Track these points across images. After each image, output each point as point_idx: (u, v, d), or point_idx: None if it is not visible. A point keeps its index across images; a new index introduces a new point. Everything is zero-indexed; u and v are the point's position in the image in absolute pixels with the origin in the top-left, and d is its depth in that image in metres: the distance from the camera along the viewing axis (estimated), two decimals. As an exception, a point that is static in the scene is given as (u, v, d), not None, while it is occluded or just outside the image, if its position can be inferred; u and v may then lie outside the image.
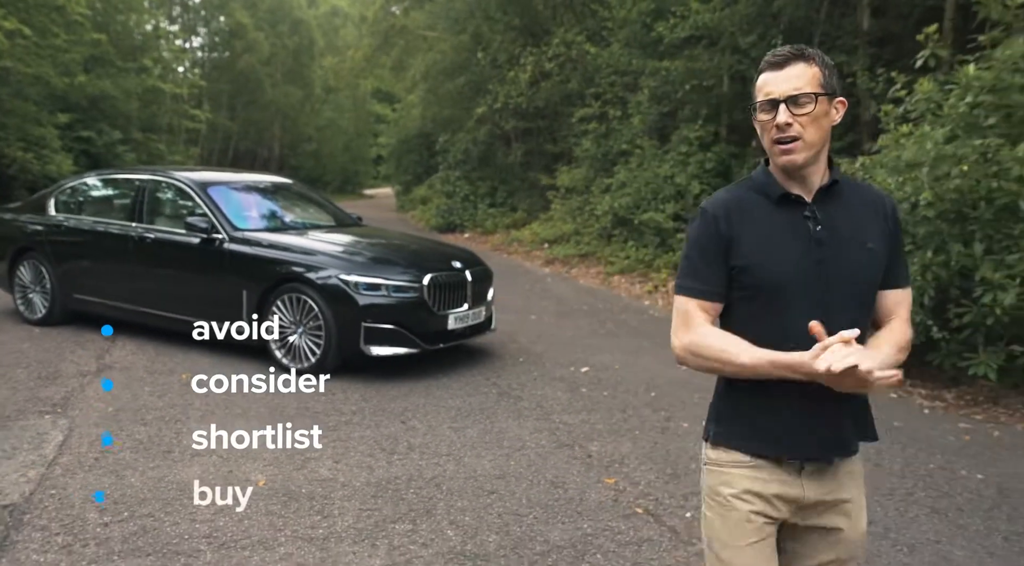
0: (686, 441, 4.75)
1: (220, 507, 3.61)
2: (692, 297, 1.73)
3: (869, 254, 1.70)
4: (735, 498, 1.71)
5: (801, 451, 1.70)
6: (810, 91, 1.63)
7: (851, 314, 1.64)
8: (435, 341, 6.03)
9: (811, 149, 1.65)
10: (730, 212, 1.72)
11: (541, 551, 3.33)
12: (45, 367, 5.94)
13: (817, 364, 1.48)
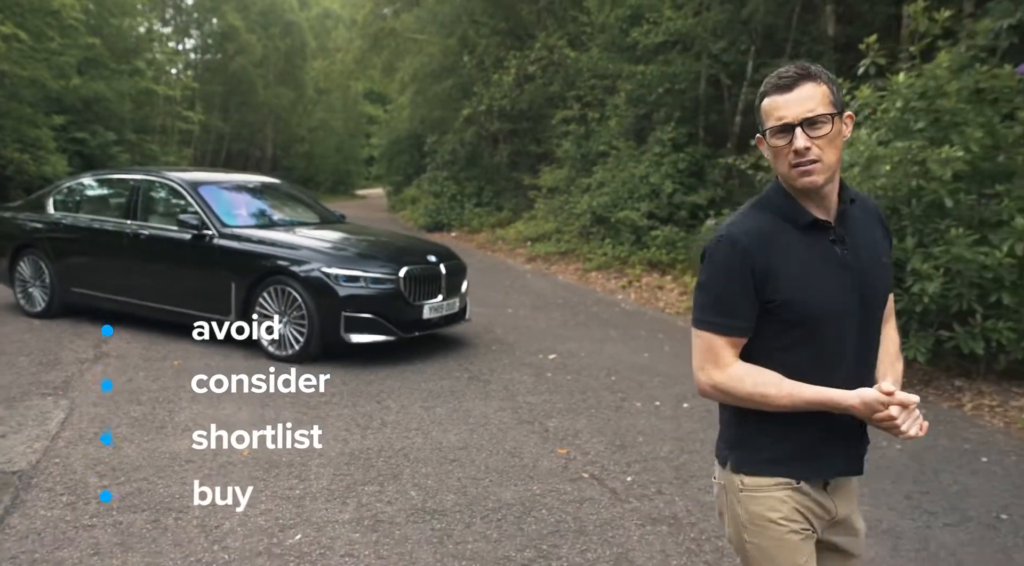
0: (637, 418, 5.18)
1: (208, 468, 4.02)
2: (720, 334, 1.66)
3: (886, 268, 1.74)
4: (785, 521, 1.70)
5: (832, 468, 1.72)
6: (824, 112, 1.59)
7: (876, 328, 1.72)
8: (411, 329, 6.45)
9: (830, 170, 1.62)
10: (761, 241, 1.64)
11: (493, 507, 3.75)
12: (46, 355, 6.34)
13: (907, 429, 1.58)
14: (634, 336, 7.87)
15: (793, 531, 1.70)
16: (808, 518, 1.71)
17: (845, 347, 1.65)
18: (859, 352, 1.69)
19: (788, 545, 1.70)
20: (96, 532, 3.38)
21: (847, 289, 1.65)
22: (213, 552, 3.25)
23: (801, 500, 1.70)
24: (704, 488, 4.03)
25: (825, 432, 1.67)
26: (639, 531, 3.54)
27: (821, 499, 1.72)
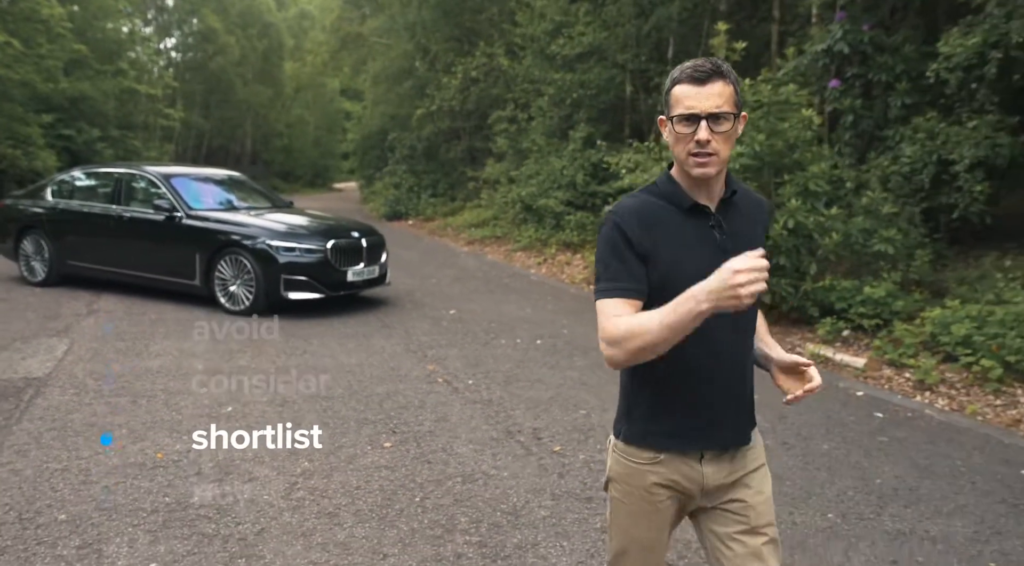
0: (496, 349, 6.85)
1: (169, 382, 5.65)
2: (612, 297, 1.70)
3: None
4: (643, 490, 1.83)
5: (704, 445, 1.80)
6: (729, 110, 1.66)
7: (751, 312, 1.82)
8: (337, 289, 8.10)
9: (723, 163, 1.71)
10: (641, 220, 1.73)
11: (366, 395, 5.40)
12: (48, 311, 7.92)
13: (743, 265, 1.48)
14: (528, 299, 9.55)
15: (655, 502, 1.82)
16: (672, 487, 1.82)
17: (723, 325, 1.68)
18: (735, 330, 1.77)
19: (641, 514, 1.84)
20: (94, 407, 4.99)
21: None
22: (172, 415, 4.87)
23: (666, 472, 1.80)
24: (519, 384, 5.71)
25: (701, 413, 1.77)
26: (460, 407, 5.21)
27: (687, 469, 1.80)
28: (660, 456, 1.81)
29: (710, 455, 1.81)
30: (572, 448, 4.49)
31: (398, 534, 3.39)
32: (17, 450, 4.19)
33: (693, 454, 1.80)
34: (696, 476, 1.81)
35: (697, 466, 1.80)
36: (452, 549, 3.27)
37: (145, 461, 4.10)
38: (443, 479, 4.00)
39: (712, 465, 1.81)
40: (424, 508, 3.66)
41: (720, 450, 1.81)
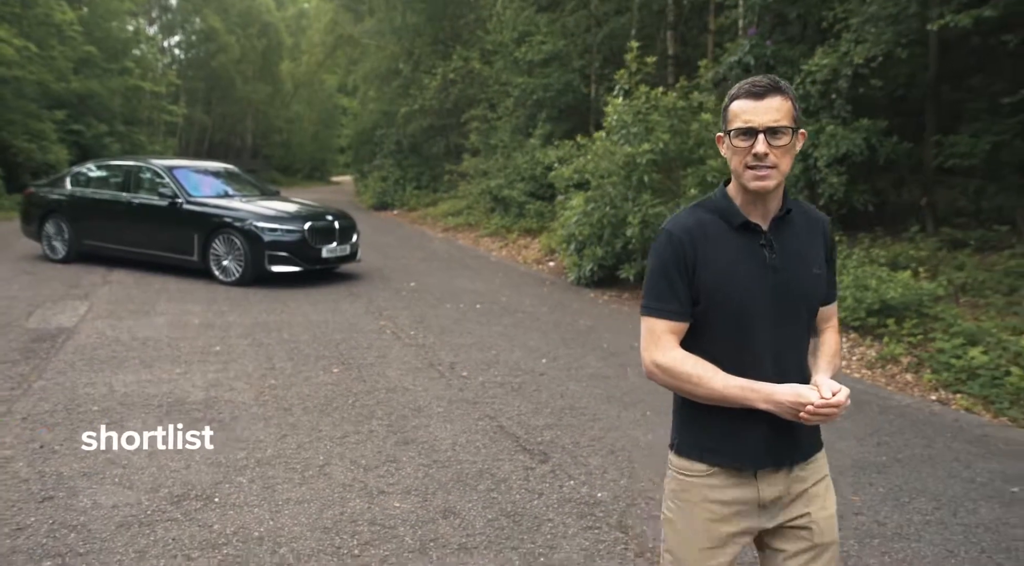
0: (440, 310, 8.20)
1: (172, 331, 7.00)
2: (661, 318, 1.74)
3: (815, 279, 1.76)
4: (695, 505, 1.77)
5: (756, 462, 1.74)
6: (787, 124, 1.66)
7: (796, 330, 1.76)
8: (313, 264, 9.45)
9: (782, 177, 1.69)
10: (694, 236, 1.72)
11: (326, 341, 6.74)
12: (70, 281, 9.26)
13: (822, 401, 1.60)
14: (481, 275, 10.91)
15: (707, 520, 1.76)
16: (727, 504, 1.75)
17: (762, 347, 1.70)
18: (777, 354, 1.72)
19: (695, 531, 1.77)
20: (112, 347, 6.33)
21: (767, 290, 1.70)
22: (172, 352, 6.21)
23: (719, 487, 1.75)
24: (450, 334, 7.06)
25: (756, 427, 1.70)
26: (399, 349, 6.57)
27: (742, 486, 1.75)
28: (713, 470, 1.76)
29: (764, 471, 1.75)
30: (475, 374, 5.85)
31: (332, 420, 4.75)
32: (58, 371, 5.55)
33: (747, 473, 1.75)
34: (751, 491, 1.75)
35: (752, 480, 1.75)
36: (367, 428, 4.63)
37: (152, 379, 5.45)
38: (372, 390, 5.36)
39: (767, 480, 1.75)
40: (353, 406, 5.02)
41: (775, 467, 1.75)
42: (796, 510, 1.77)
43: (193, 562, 3.03)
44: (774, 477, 1.76)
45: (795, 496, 1.77)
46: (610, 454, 4.31)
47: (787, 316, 1.73)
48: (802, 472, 1.78)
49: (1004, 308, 6.88)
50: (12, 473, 3.78)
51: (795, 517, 1.77)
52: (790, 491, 1.77)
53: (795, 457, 1.77)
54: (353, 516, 3.47)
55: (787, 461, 1.76)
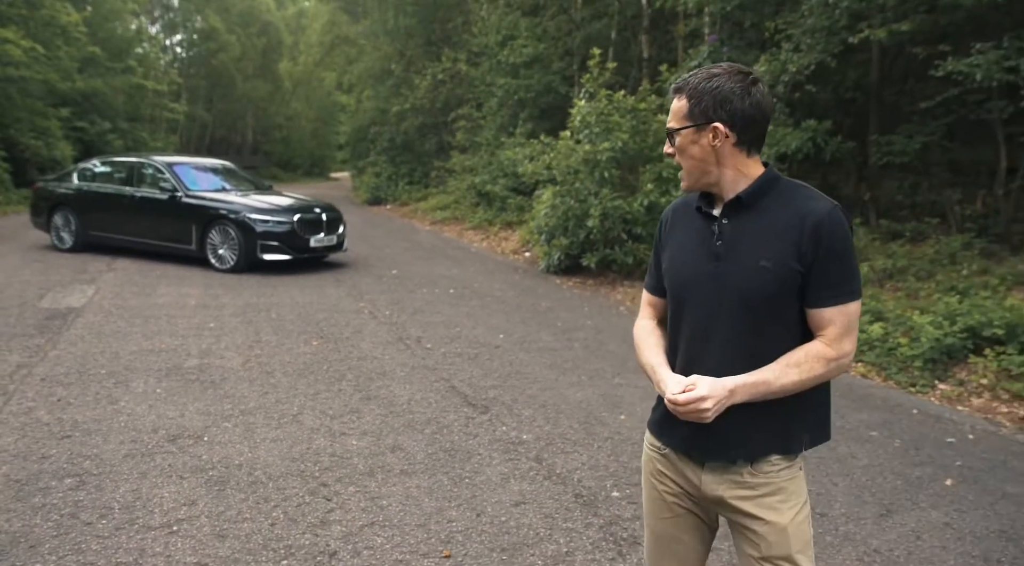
0: (416, 295, 8.91)
1: (171, 310, 7.70)
2: (645, 290, 1.88)
3: (760, 271, 1.60)
4: (652, 476, 1.80)
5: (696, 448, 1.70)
6: (676, 126, 1.64)
7: (737, 325, 1.62)
8: (302, 252, 10.16)
9: (690, 175, 1.67)
10: (668, 217, 1.80)
11: (311, 320, 7.44)
12: (77, 268, 9.96)
13: (668, 396, 1.58)
14: (460, 264, 11.61)
15: (662, 491, 1.77)
16: (676, 483, 1.75)
17: (688, 333, 1.69)
18: (710, 342, 1.65)
19: (653, 501, 1.80)
20: (118, 323, 7.03)
21: (705, 276, 1.65)
22: (171, 327, 6.91)
23: (669, 465, 1.76)
24: (422, 314, 7.77)
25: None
26: (374, 326, 7.28)
27: (687, 473, 1.72)
28: (664, 449, 1.76)
29: (712, 464, 1.68)
30: (438, 346, 6.57)
31: (307, 381, 5.46)
32: (70, 342, 6.25)
33: (694, 456, 1.70)
34: (694, 480, 1.71)
35: (697, 470, 1.70)
36: (337, 387, 5.34)
37: (153, 348, 6.16)
38: (345, 359, 6.07)
39: (711, 474, 1.69)
40: (326, 371, 5.73)
41: (722, 460, 1.66)
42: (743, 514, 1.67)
43: (185, 480, 3.74)
44: (722, 474, 1.68)
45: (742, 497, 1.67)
46: (541, 408, 5.03)
47: (727, 308, 1.62)
48: (753, 480, 1.66)
49: (916, 290, 7.60)
50: (35, 419, 4.49)
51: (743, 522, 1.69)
52: (735, 492, 1.67)
53: (741, 453, 1.65)
54: (317, 451, 4.18)
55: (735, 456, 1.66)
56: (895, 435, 4.75)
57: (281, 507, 3.49)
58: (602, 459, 4.20)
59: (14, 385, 5.08)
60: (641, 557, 3.15)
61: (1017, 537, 3.45)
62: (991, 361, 5.71)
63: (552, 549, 3.21)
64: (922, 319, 6.31)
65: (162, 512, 3.39)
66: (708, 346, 1.66)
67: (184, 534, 3.21)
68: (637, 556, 3.16)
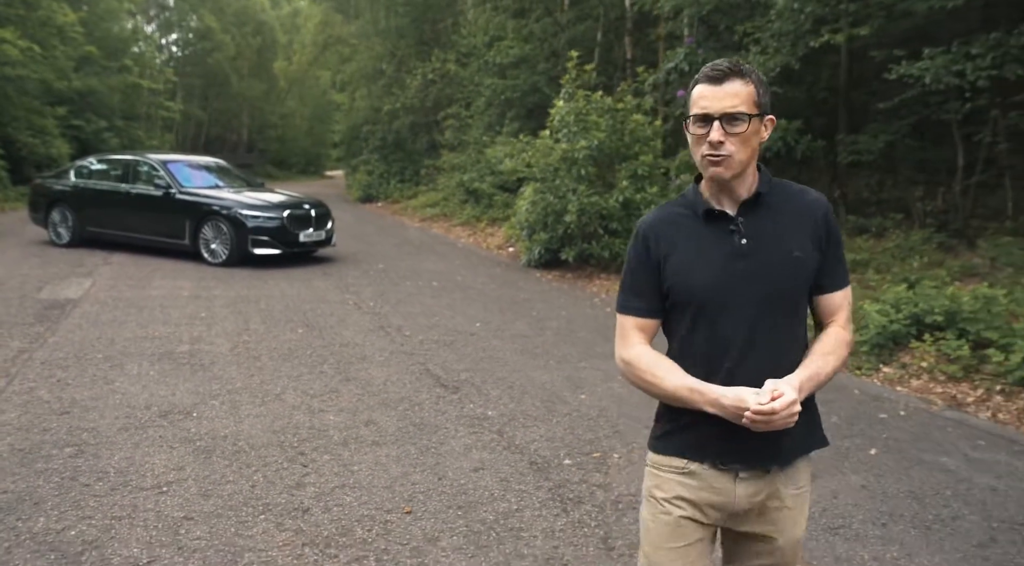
0: (400, 287, 9.25)
1: (164, 301, 8.04)
2: (629, 314, 1.71)
3: (795, 262, 1.61)
4: (667, 502, 1.66)
5: (733, 460, 1.62)
6: (745, 111, 1.55)
7: (776, 322, 1.61)
8: (291, 247, 10.51)
9: (740, 166, 1.59)
10: (659, 232, 1.68)
11: (298, 310, 7.79)
12: (75, 262, 10.28)
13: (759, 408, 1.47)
14: (445, 259, 11.96)
15: (679, 517, 1.65)
16: (699, 506, 1.65)
17: (733, 335, 1.60)
18: (753, 341, 1.60)
19: (667, 527, 1.67)
20: (114, 313, 7.37)
21: (739, 278, 1.60)
22: (164, 317, 7.25)
23: (693, 486, 1.65)
24: (404, 305, 8.12)
25: (732, 425, 1.54)
26: (358, 316, 7.63)
27: (719, 489, 1.64)
28: (690, 466, 1.66)
29: (746, 475, 1.63)
30: (417, 334, 6.92)
31: (291, 365, 5.81)
32: (68, 330, 6.59)
33: (727, 471, 1.64)
34: (728, 496, 1.64)
35: (731, 485, 1.64)
36: (319, 370, 5.69)
37: (147, 336, 6.50)
38: (328, 345, 6.42)
39: (746, 486, 1.64)
40: (310, 356, 6.08)
41: (754, 470, 1.63)
42: (762, 528, 1.68)
43: (174, 450, 4.09)
44: (755, 484, 1.64)
45: (765, 512, 1.66)
46: (508, 388, 5.39)
47: (763, 304, 1.60)
48: (780, 482, 1.66)
49: (871, 280, 7.98)
50: (37, 397, 4.83)
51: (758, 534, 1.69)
52: (764, 500, 1.66)
53: (771, 459, 1.63)
54: (297, 424, 4.53)
55: (769, 462, 1.63)
56: (833, 412, 5.11)
57: (261, 472, 3.84)
58: (559, 432, 4.56)
59: (16, 368, 5.42)
60: (583, 513, 3.51)
61: (922, 495, 3.82)
62: (930, 346, 6.08)
63: (503, 507, 3.57)
64: (871, 307, 6.68)
65: (153, 476, 3.74)
66: (751, 348, 1.60)
67: (173, 494, 3.56)
68: (579, 513, 3.52)
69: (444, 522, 3.39)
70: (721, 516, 1.68)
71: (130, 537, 3.14)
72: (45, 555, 2.97)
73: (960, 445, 4.57)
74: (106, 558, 2.97)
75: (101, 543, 3.08)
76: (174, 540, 3.13)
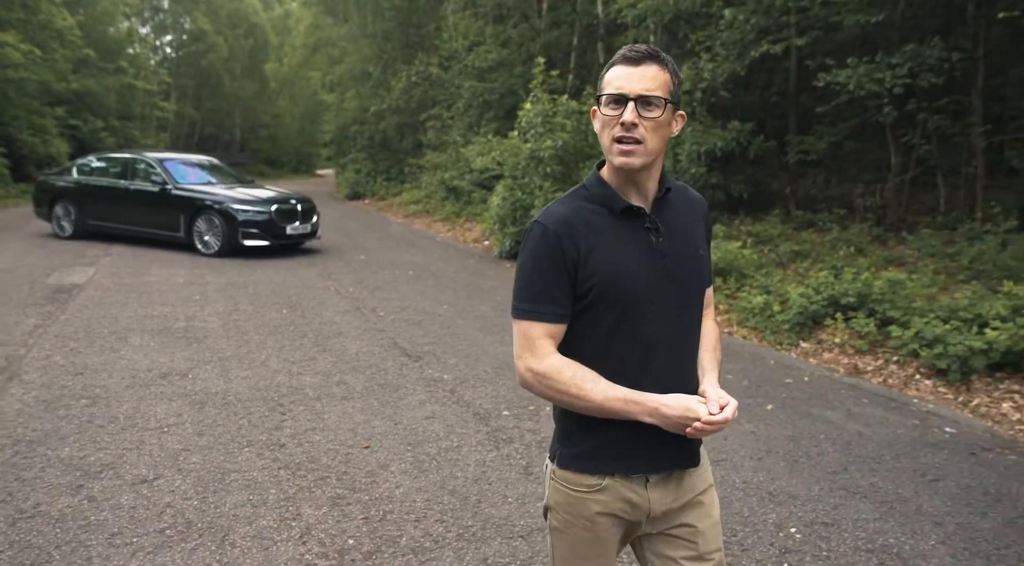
0: (379, 276, 9.95)
1: (162, 286, 8.72)
2: (537, 321, 1.54)
3: (702, 260, 1.64)
4: (584, 519, 1.60)
5: (646, 466, 1.59)
6: (661, 95, 1.47)
7: (689, 319, 1.61)
8: (279, 239, 11.20)
9: (650, 156, 1.51)
10: (573, 229, 1.52)
11: (282, 294, 8.48)
12: (78, 253, 10.94)
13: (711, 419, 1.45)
14: (423, 251, 12.66)
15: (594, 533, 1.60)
16: (616, 514, 1.60)
17: (660, 335, 1.55)
18: (676, 340, 1.58)
19: (581, 543, 1.62)
20: (116, 297, 8.05)
21: (659, 276, 1.54)
22: (162, 299, 7.93)
23: (607, 500, 1.59)
24: (380, 291, 8.83)
25: (643, 433, 1.51)
26: (337, 299, 8.33)
27: (632, 495, 1.59)
28: (602, 482, 1.58)
29: (656, 479, 1.59)
30: (389, 314, 7.63)
31: (275, 338, 6.51)
32: (76, 310, 7.27)
33: (638, 478, 1.58)
34: (642, 503, 1.59)
35: (643, 491, 1.59)
36: (300, 343, 6.39)
37: (146, 314, 7.19)
38: (309, 323, 7.12)
39: (659, 490, 1.60)
40: (292, 331, 6.78)
41: (666, 472, 1.60)
42: (680, 518, 1.64)
43: (173, 402, 4.79)
44: (665, 487, 1.61)
45: (682, 506, 1.63)
46: (465, 357, 6.10)
47: (679, 304, 1.58)
48: (691, 481, 1.65)
49: (807, 270, 8.73)
50: (54, 362, 5.52)
51: (678, 524, 1.64)
52: (679, 499, 1.63)
53: (686, 461, 1.62)
54: (278, 384, 5.24)
55: (679, 465, 1.62)
56: (746, 377, 5.86)
57: (246, 418, 4.55)
58: (503, 391, 5.27)
59: (33, 340, 6.11)
60: (512, 450, 4.23)
61: (799, 438, 4.56)
62: (841, 323, 6.83)
63: (446, 444, 4.28)
64: (795, 291, 7.43)
65: (156, 420, 4.44)
66: (676, 347, 1.58)
67: (172, 433, 4.26)
68: (509, 449, 4.24)
69: (395, 454, 4.11)
70: (639, 518, 1.63)
71: (139, 462, 3.84)
72: (71, 472, 3.67)
73: (847, 403, 5.31)
74: (120, 475, 3.67)
75: (116, 465, 3.78)
76: (174, 464, 3.83)
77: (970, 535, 3.38)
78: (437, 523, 3.34)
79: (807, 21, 9.60)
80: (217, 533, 3.16)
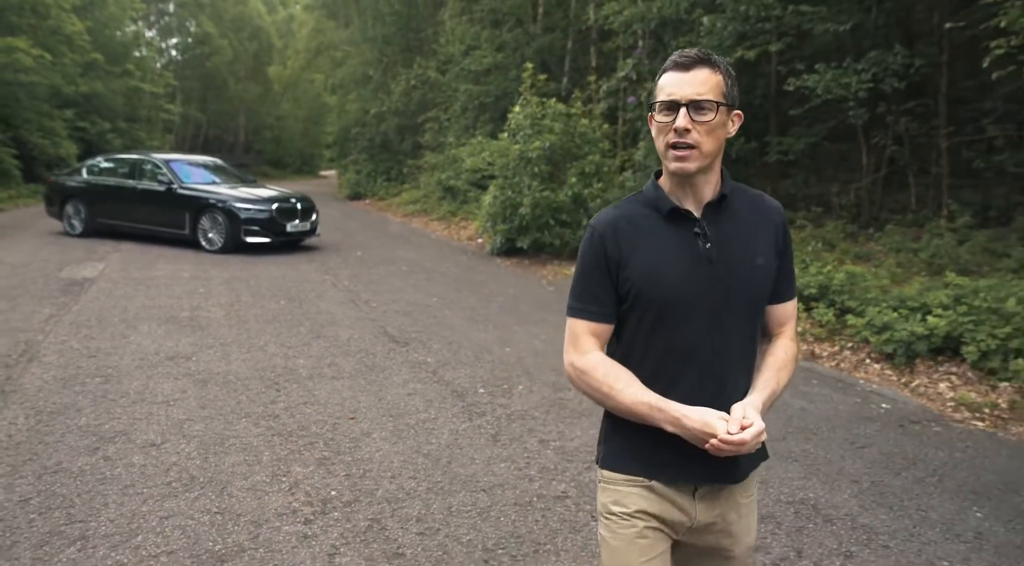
0: (375, 271, 10.40)
1: (168, 280, 9.18)
2: (581, 318, 1.58)
3: (758, 271, 1.55)
4: (630, 516, 1.57)
5: (691, 478, 1.56)
6: (713, 99, 1.47)
7: (738, 330, 1.55)
8: (280, 236, 11.65)
9: (706, 159, 1.49)
10: (618, 230, 1.55)
11: (281, 286, 8.93)
12: (88, 249, 11.41)
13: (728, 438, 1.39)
14: (418, 248, 13.11)
15: (643, 528, 1.56)
16: (661, 518, 1.57)
17: (699, 342, 1.51)
18: (717, 351, 1.53)
19: (631, 543, 1.57)
20: (125, 289, 8.50)
21: (704, 283, 1.51)
22: (168, 292, 8.38)
23: (654, 500, 1.57)
24: (375, 285, 9.28)
25: (664, 436, 1.48)
26: (333, 292, 8.78)
27: (678, 504, 1.57)
28: (650, 482, 1.57)
29: (704, 490, 1.57)
30: (381, 306, 8.07)
31: (274, 326, 6.95)
32: (88, 301, 7.73)
33: (685, 487, 1.56)
34: (688, 510, 1.57)
35: (690, 500, 1.57)
36: (296, 330, 6.83)
37: (154, 305, 7.64)
38: (306, 313, 7.57)
39: (706, 502, 1.58)
40: (289, 320, 7.22)
41: (716, 485, 1.57)
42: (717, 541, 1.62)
43: (178, 380, 5.23)
44: (713, 500, 1.59)
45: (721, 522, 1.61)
46: (449, 344, 6.54)
47: (727, 314, 1.53)
48: (735, 496, 1.62)
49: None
50: (69, 346, 5.98)
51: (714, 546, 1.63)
52: (720, 518, 1.60)
53: (723, 477, 1.57)
54: (274, 366, 5.69)
55: (714, 479, 1.57)
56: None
57: (245, 394, 5.00)
58: (481, 373, 5.71)
59: (50, 327, 6.56)
60: (484, 421, 4.67)
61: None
62: (802, 313, 7.26)
63: (424, 416, 4.73)
64: (762, 283, 7.85)
65: (163, 395, 4.90)
66: (716, 356, 1.53)
67: (178, 406, 4.71)
68: (481, 421, 4.67)
69: (377, 424, 4.55)
70: (680, 531, 1.60)
71: (148, 429, 4.29)
72: (88, 437, 4.12)
73: (798, 384, 5.74)
74: (132, 440, 4.12)
75: (128, 432, 4.23)
76: (179, 431, 4.28)
77: (881, 491, 3.82)
78: (410, 479, 3.78)
79: (782, 28, 10.02)
80: (216, 486, 3.60)
